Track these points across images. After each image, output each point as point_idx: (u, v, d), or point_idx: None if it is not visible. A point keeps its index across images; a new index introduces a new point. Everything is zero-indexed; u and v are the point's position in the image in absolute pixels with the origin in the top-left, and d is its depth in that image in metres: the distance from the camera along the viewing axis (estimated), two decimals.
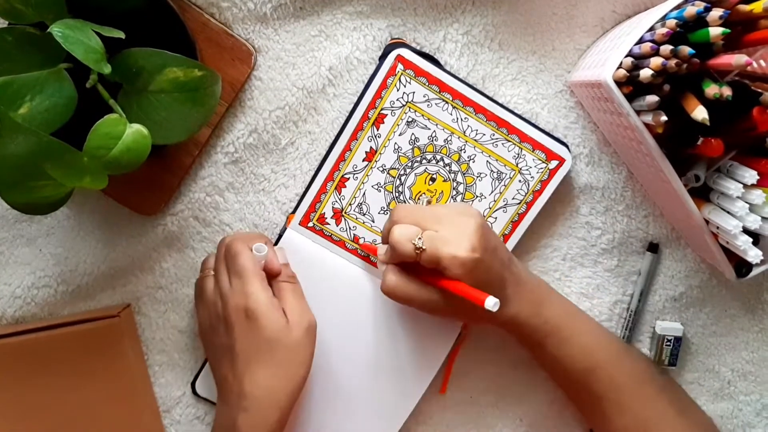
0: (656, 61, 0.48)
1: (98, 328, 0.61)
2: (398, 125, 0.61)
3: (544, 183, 0.63)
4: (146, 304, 0.65)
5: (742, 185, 0.53)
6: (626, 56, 0.51)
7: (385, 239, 0.59)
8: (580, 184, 0.64)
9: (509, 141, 0.62)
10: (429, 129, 0.62)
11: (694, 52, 0.48)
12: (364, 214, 0.63)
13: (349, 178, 0.62)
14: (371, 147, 0.62)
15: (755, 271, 0.58)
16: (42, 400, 0.61)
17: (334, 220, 0.63)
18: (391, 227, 0.56)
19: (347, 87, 0.62)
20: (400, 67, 0.60)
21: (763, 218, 0.53)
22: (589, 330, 0.62)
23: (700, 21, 0.49)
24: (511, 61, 0.63)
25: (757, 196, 0.53)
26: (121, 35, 0.49)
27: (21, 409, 0.61)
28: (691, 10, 0.48)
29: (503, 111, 0.61)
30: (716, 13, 0.47)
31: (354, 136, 0.61)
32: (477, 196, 0.63)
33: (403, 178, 0.63)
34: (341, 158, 0.62)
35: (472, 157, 0.62)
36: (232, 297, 0.56)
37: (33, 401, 0.61)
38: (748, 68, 0.47)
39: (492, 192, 0.63)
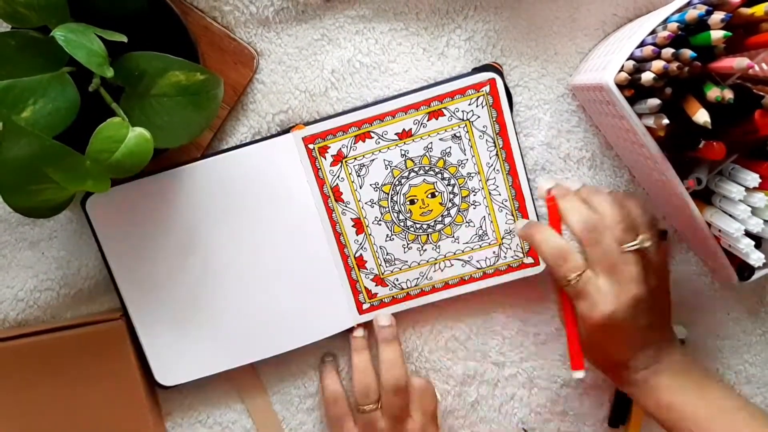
0: (658, 65, 0.48)
1: (100, 331, 0.61)
2: (445, 131, 0.61)
3: (507, 270, 0.64)
4: None
5: (744, 188, 0.53)
6: (628, 59, 0.51)
7: (554, 222, 0.59)
8: None
9: (512, 216, 0.63)
10: (465, 155, 0.62)
11: (695, 55, 0.48)
12: (359, 176, 0.63)
13: (373, 138, 0.62)
14: (410, 129, 0.61)
15: (758, 274, 0.58)
16: (44, 403, 0.61)
17: (332, 158, 0.62)
18: (559, 218, 0.57)
19: (350, 90, 0.62)
20: (486, 89, 0.60)
21: (766, 221, 0.53)
22: (690, 395, 0.55)
23: (701, 24, 0.49)
24: (513, 68, 0.63)
25: (759, 199, 0.53)
26: (124, 39, 0.49)
27: (23, 412, 0.61)
28: (692, 14, 0.48)
29: (527, 188, 0.63)
30: (718, 16, 0.48)
31: (404, 110, 0.61)
32: (452, 237, 0.64)
33: (412, 175, 0.63)
34: (379, 117, 0.61)
35: (475, 204, 0.63)
36: None
37: (35, 404, 0.61)
38: (750, 71, 0.47)
39: (466, 243, 0.64)
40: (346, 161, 0.62)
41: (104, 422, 0.62)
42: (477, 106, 0.61)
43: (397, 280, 0.64)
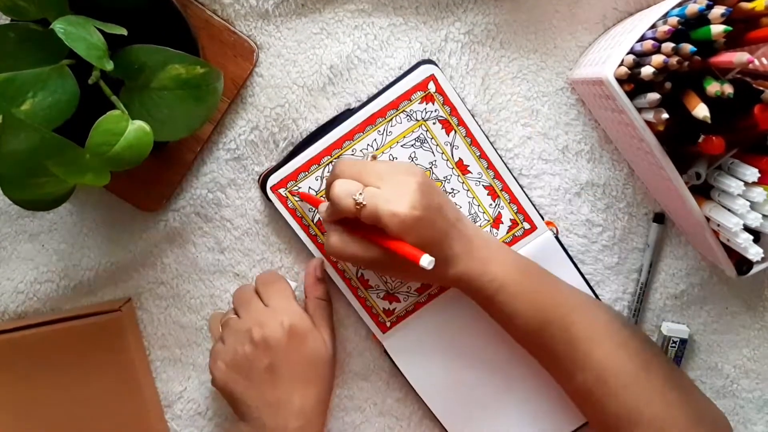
0: (658, 59, 0.48)
1: (100, 322, 0.61)
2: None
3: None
4: (148, 299, 0.65)
5: (743, 183, 0.53)
6: (628, 54, 0.51)
7: (328, 195, 0.57)
8: (582, 182, 0.64)
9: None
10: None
11: (695, 49, 0.48)
12: None
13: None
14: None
15: (756, 269, 0.58)
16: (44, 395, 0.61)
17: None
18: (332, 181, 0.55)
19: (345, 86, 0.62)
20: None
21: (764, 216, 0.53)
22: (540, 286, 0.59)
23: (701, 18, 0.49)
24: (512, 60, 0.63)
25: (758, 193, 0.53)
26: (123, 32, 0.49)
27: (23, 404, 0.61)
28: (692, 8, 0.48)
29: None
30: (718, 10, 0.47)
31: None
32: None
33: None
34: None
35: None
36: (274, 316, 0.59)
37: (35, 395, 0.61)
38: (750, 66, 0.47)
39: None
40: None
41: (104, 413, 0.63)
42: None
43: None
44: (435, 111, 0.61)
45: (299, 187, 0.62)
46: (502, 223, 0.64)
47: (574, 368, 0.58)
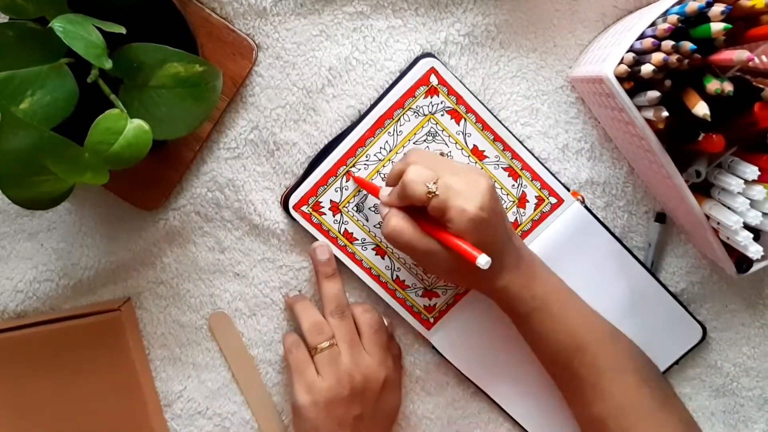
0: (657, 57, 0.48)
1: (99, 322, 0.61)
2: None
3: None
4: (147, 298, 0.65)
5: (743, 181, 0.53)
6: (627, 51, 0.51)
7: (392, 181, 0.57)
8: (581, 180, 0.64)
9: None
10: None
11: (695, 47, 0.48)
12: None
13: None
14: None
15: (756, 267, 0.58)
16: (43, 394, 0.61)
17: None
18: (404, 168, 0.55)
19: (345, 88, 0.62)
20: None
21: (764, 214, 0.53)
22: (577, 311, 0.60)
23: (701, 16, 0.49)
24: (511, 59, 0.63)
25: (758, 191, 0.53)
26: (122, 30, 0.49)
27: (22, 403, 0.61)
28: (692, 6, 0.48)
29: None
30: (718, 8, 0.47)
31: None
32: None
33: None
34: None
35: None
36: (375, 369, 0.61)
37: (34, 395, 0.61)
38: (750, 64, 0.47)
39: None
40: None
41: (103, 413, 0.62)
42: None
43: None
44: (441, 103, 0.61)
45: (357, 169, 0.62)
46: (528, 201, 0.64)
47: (594, 397, 0.59)
